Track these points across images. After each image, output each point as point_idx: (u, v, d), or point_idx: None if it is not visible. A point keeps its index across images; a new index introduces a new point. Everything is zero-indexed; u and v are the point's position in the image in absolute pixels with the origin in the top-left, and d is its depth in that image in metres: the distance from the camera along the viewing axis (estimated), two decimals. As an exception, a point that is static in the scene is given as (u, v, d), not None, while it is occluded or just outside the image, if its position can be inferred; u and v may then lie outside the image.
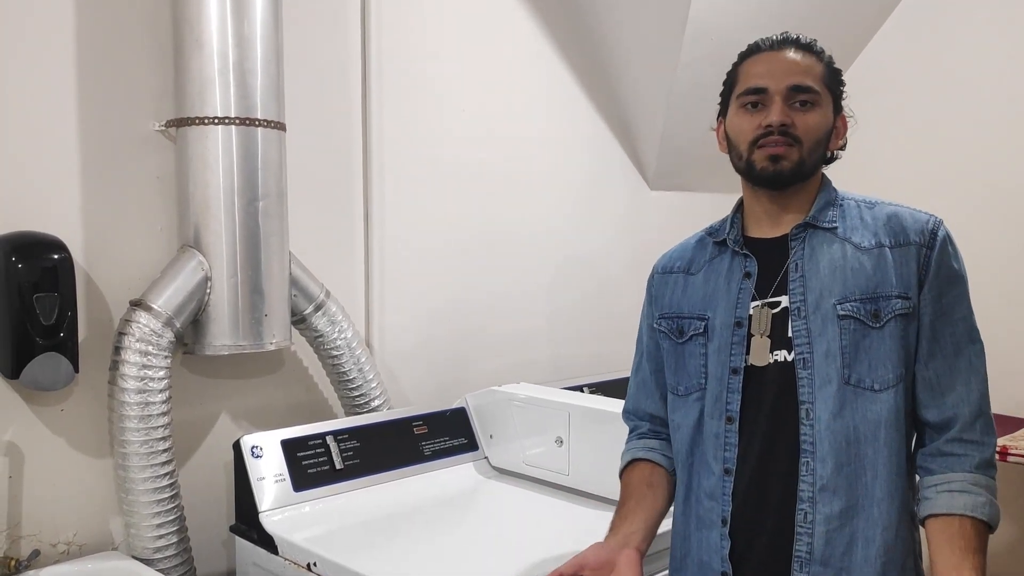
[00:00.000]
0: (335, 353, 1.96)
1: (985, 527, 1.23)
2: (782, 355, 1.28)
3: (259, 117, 1.73)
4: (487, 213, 2.44)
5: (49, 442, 1.68)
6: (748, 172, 1.30)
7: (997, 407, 2.61)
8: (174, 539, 1.69)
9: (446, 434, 2.01)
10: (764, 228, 1.34)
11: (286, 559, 1.61)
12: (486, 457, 2.05)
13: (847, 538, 1.23)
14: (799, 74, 1.27)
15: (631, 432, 1.51)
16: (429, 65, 2.28)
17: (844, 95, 1.34)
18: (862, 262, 1.26)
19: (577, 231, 2.69)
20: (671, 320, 1.41)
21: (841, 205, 1.32)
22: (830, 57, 1.32)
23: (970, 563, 1.20)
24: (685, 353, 1.38)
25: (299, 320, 1.92)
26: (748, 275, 1.33)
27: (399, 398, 2.20)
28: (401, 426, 1.96)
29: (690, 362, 1.37)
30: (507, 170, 2.49)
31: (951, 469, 1.24)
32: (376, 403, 2.02)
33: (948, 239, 1.28)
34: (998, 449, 2.25)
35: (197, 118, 1.70)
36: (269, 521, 1.67)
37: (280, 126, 1.79)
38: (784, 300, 1.29)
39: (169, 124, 1.75)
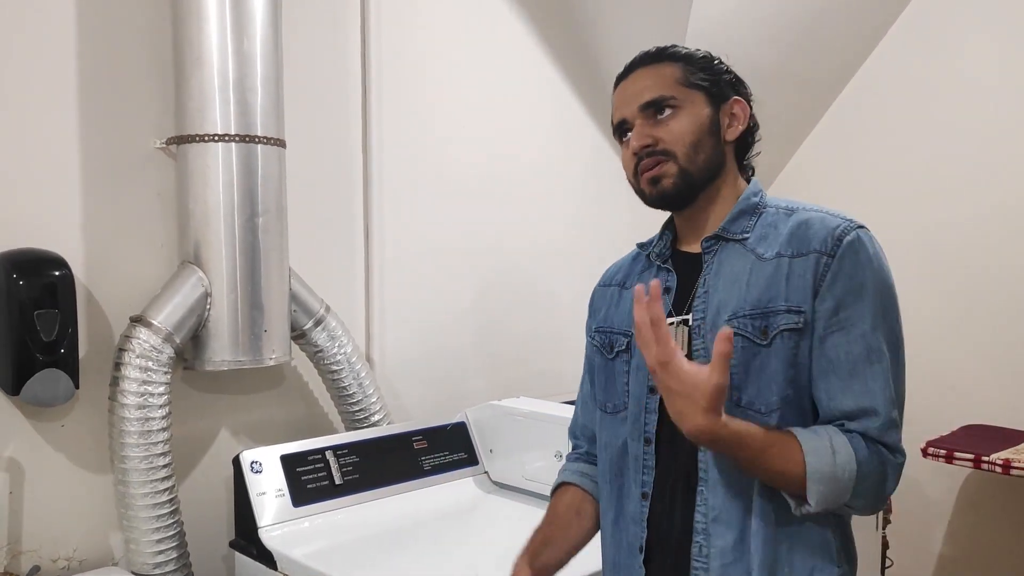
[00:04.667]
0: (335, 368, 1.96)
1: (796, 462, 1.08)
2: None
3: (259, 134, 1.75)
4: (487, 227, 2.45)
5: (50, 458, 1.69)
6: (644, 200, 1.27)
7: (999, 419, 2.62)
8: (174, 554, 1.69)
9: (446, 449, 2.01)
10: (689, 241, 1.29)
11: (285, 575, 1.61)
12: (486, 472, 2.05)
13: (742, 573, 1.13)
14: (646, 90, 1.23)
15: (571, 451, 1.47)
16: (428, 81, 2.29)
17: (730, 79, 1.26)
18: (760, 274, 1.17)
19: (577, 245, 2.69)
20: (603, 335, 1.36)
21: (760, 213, 1.23)
22: (688, 53, 1.26)
23: (737, 427, 1.08)
24: (614, 370, 1.32)
25: (299, 335, 1.92)
26: (668, 290, 1.26)
27: (399, 413, 2.20)
28: (401, 441, 1.96)
29: (618, 380, 1.31)
30: (507, 184, 2.50)
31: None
32: (376, 418, 2.02)
33: (857, 245, 1.14)
34: (1000, 462, 2.25)
35: (197, 135, 1.71)
36: (268, 536, 1.67)
37: (280, 143, 1.80)
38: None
39: (170, 141, 1.77)
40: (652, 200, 1.25)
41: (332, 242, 2.13)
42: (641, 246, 1.39)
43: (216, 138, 1.71)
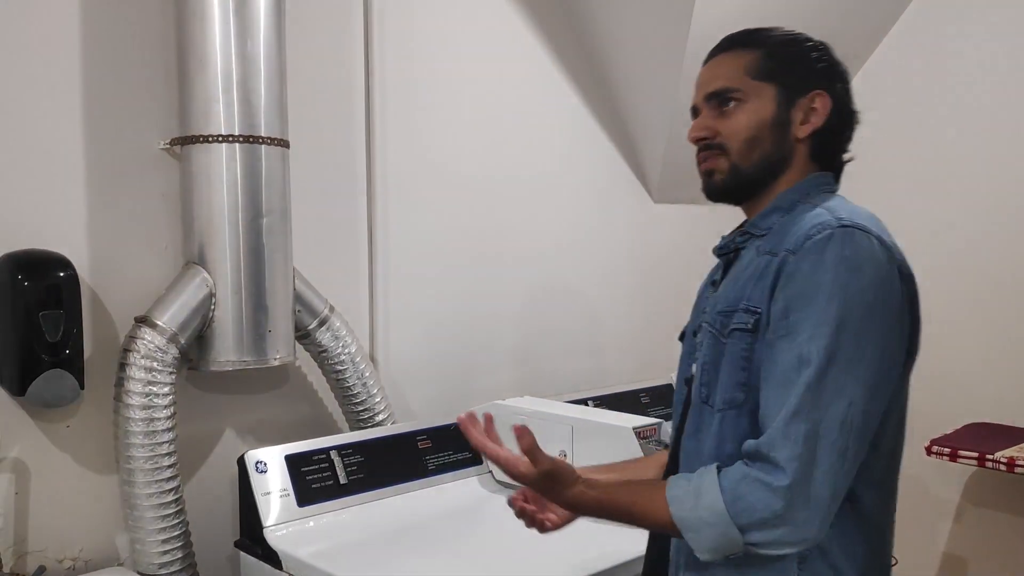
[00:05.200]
0: (339, 368, 1.96)
1: (664, 513, 1.05)
2: None
3: (263, 135, 1.75)
4: (491, 227, 2.45)
5: (55, 459, 1.69)
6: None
7: (1004, 418, 2.62)
8: (179, 554, 1.70)
9: (450, 448, 2.01)
10: None
11: (290, 574, 1.61)
12: (490, 471, 2.05)
13: None
14: (714, 80, 1.19)
15: None
16: (432, 80, 2.29)
17: (820, 69, 1.18)
18: (746, 273, 1.14)
19: (581, 245, 2.70)
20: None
21: (794, 210, 1.16)
22: (774, 39, 1.19)
23: (596, 493, 1.09)
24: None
25: (303, 335, 1.93)
26: (714, 283, 1.25)
27: (403, 412, 2.21)
28: (405, 440, 1.96)
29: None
30: (511, 185, 2.50)
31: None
32: (380, 417, 2.02)
33: (824, 244, 1.04)
34: (1005, 460, 2.24)
35: (201, 136, 1.71)
36: (273, 536, 1.67)
37: (284, 143, 1.80)
38: None
39: (174, 142, 1.77)
40: (705, 192, 1.24)
41: (336, 242, 2.13)
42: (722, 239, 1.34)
43: (220, 139, 1.71)
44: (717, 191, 1.21)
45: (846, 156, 1.24)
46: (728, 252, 1.25)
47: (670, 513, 1.04)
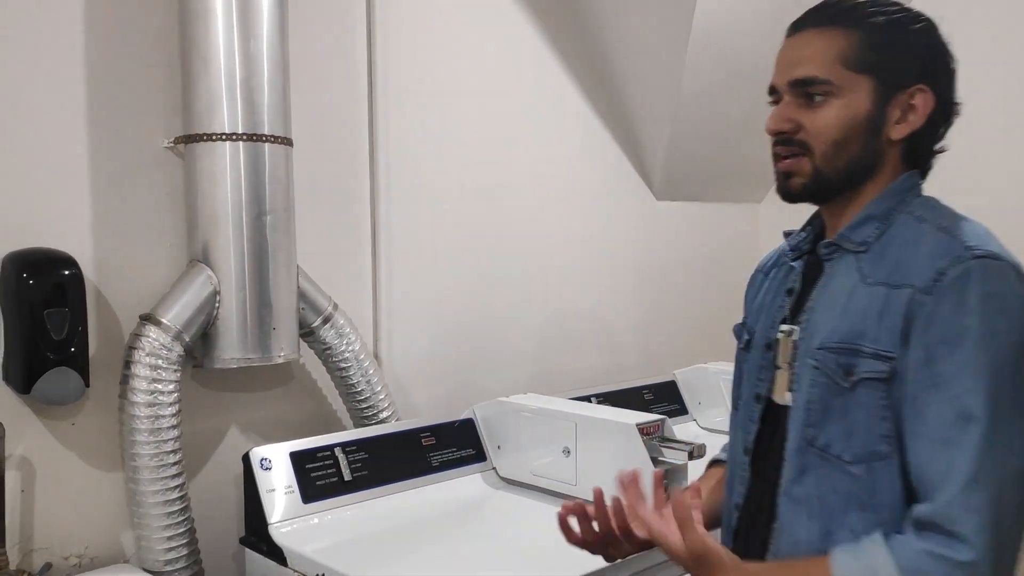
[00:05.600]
0: (343, 365, 1.97)
1: None
2: (790, 396, 1.08)
3: (266, 133, 1.75)
4: (494, 225, 2.46)
5: (60, 456, 1.70)
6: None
7: None
8: (184, 551, 1.70)
9: (454, 445, 2.02)
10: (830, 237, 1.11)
11: (295, 571, 1.62)
12: (494, 468, 2.05)
13: None
14: (803, 63, 1.04)
15: None
16: (435, 78, 2.29)
17: (925, 57, 1.04)
18: (859, 301, 1.01)
19: (584, 242, 2.70)
20: (741, 325, 1.24)
21: (892, 221, 1.04)
22: (875, 19, 1.03)
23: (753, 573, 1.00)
24: (741, 366, 1.20)
25: (307, 333, 1.93)
26: (790, 292, 1.13)
27: (407, 409, 2.21)
28: (409, 437, 1.96)
29: (740, 377, 1.21)
30: (514, 182, 2.50)
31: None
32: (384, 415, 2.03)
33: (964, 282, 0.93)
34: None
35: (205, 134, 1.72)
36: (278, 533, 1.68)
37: (287, 141, 1.81)
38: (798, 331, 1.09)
39: (178, 141, 1.78)
40: (780, 193, 1.10)
41: (340, 239, 2.13)
42: (786, 234, 1.21)
43: (224, 137, 1.72)
44: (794, 196, 1.08)
45: (937, 148, 1.11)
46: (800, 255, 1.15)
47: None
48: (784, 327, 1.10)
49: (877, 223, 1.04)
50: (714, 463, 1.36)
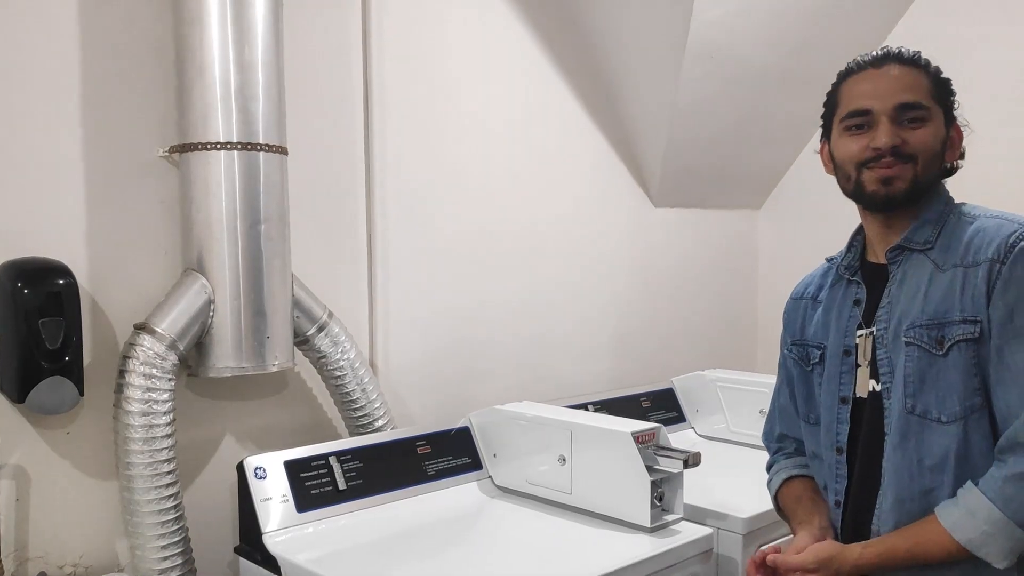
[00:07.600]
0: (338, 374, 1.97)
1: (949, 542, 1.14)
2: (874, 384, 1.27)
3: (261, 142, 1.75)
4: (490, 233, 2.46)
5: (55, 465, 1.70)
6: (857, 195, 1.29)
7: None
8: (179, 560, 1.70)
9: (449, 454, 2.01)
10: (877, 253, 1.32)
11: (289, 580, 1.62)
12: (490, 476, 2.05)
13: None
14: (906, 91, 1.25)
15: (776, 453, 1.52)
16: (430, 86, 2.30)
17: (956, 104, 1.30)
18: (938, 284, 1.21)
19: (581, 250, 2.70)
20: (800, 347, 1.43)
21: (944, 222, 1.26)
22: (937, 68, 1.29)
23: (875, 549, 1.18)
24: (811, 382, 1.39)
25: (302, 341, 1.93)
26: (857, 303, 1.32)
27: (403, 418, 2.21)
28: (404, 446, 1.96)
29: (815, 391, 1.38)
30: (510, 190, 2.50)
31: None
32: (380, 423, 2.03)
33: None
34: None
35: (200, 143, 1.72)
36: (273, 542, 1.68)
37: (282, 150, 1.81)
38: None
39: (172, 150, 1.78)
40: (874, 198, 1.26)
41: (335, 248, 2.14)
42: (830, 260, 1.43)
43: (218, 146, 1.72)
44: (894, 200, 1.25)
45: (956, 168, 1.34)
46: (855, 272, 1.34)
47: (955, 541, 1.12)
48: (861, 331, 1.29)
49: (932, 225, 1.26)
50: (786, 482, 1.46)
